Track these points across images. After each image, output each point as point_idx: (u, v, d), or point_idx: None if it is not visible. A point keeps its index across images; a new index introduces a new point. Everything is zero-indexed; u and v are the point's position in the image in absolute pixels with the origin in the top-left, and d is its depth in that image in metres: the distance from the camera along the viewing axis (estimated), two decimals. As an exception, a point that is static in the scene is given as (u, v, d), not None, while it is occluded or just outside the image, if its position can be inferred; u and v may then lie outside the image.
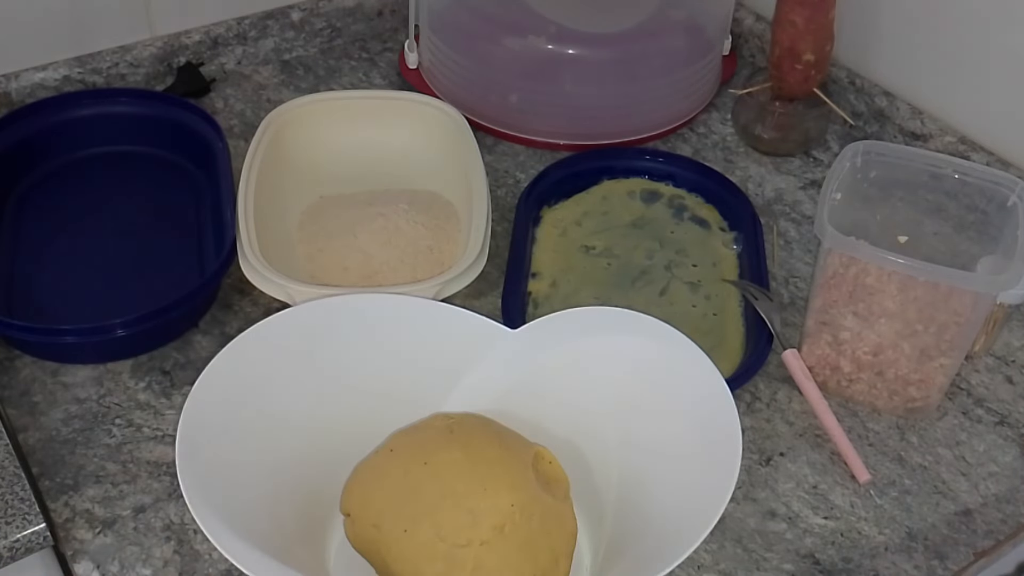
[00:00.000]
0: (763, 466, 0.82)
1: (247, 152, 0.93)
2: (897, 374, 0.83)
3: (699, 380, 0.70)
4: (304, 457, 0.70)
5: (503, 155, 1.09)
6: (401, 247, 0.91)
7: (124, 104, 1.02)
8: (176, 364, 0.86)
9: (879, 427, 0.85)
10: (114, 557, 0.73)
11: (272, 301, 0.85)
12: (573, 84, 1.08)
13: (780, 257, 0.99)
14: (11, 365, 0.85)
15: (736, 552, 0.76)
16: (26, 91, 1.07)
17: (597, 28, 1.09)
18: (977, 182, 0.83)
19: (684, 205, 1.02)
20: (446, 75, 1.11)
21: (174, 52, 1.12)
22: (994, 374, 0.90)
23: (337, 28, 1.21)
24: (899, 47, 1.08)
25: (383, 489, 0.68)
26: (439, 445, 0.68)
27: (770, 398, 0.86)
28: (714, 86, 1.16)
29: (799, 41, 1.02)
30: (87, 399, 0.83)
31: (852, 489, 0.80)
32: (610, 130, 1.09)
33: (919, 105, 1.07)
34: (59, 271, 0.92)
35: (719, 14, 1.14)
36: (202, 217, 0.96)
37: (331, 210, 0.95)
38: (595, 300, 0.92)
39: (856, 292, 0.81)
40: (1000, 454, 0.83)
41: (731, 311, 0.92)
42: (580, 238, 0.98)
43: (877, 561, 0.76)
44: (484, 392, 0.74)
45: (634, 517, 0.69)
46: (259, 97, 1.14)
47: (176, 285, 0.87)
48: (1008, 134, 1.01)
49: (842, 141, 1.11)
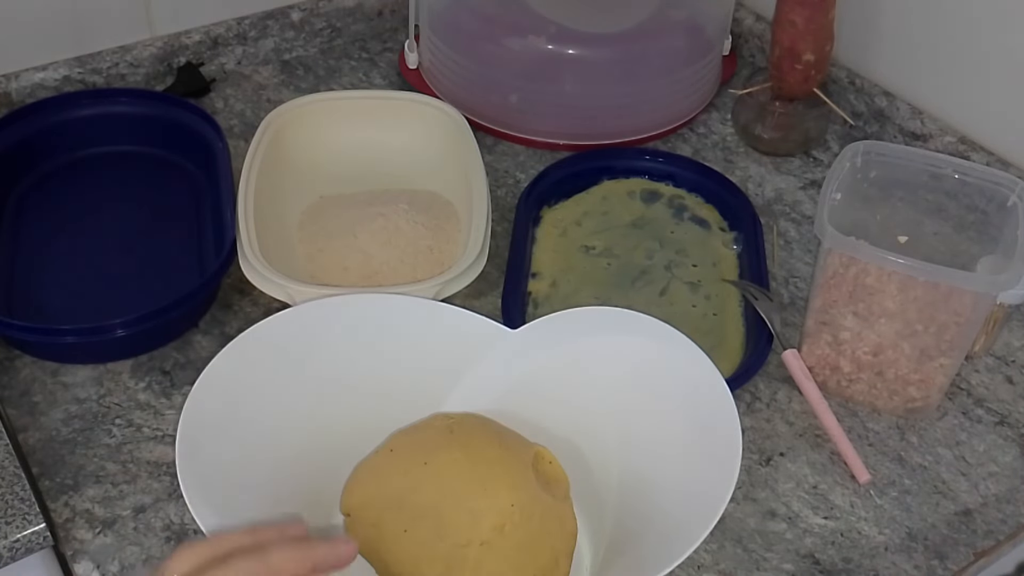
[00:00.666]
0: (763, 466, 0.82)
1: (247, 152, 0.93)
2: (897, 374, 0.83)
3: (699, 380, 0.70)
4: (304, 457, 0.70)
5: (503, 155, 1.09)
6: (401, 247, 0.91)
7: (124, 104, 1.02)
8: (176, 364, 0.86)
9: (879, 427, 0.85)
10: (114, 557, 0.73)
11: (272, 301, 0.85)
12: (573, 84, 1.08)
13: (780, 257, 0.99)
14: (11, 365, 0.85)
15: (736, 552, 0.76)
16: (26, 91, 1.07)
17: (597, 28, 1.09)
18: (977, 182, 0.83)
19: (684, 205, 1.02)
20: (446, 75, 1.11)
21: (174, 52, 1.12)
22: (994, 374, 0.90)
23: (337, 28, 1.21)
24: (899, 47, 1.08)
25: (383, 489, 0.68)
26: (439, 445, 0.68)
27: (770, 398, 0.86)
28: (714, 86, 1.16)
29: (799, 41, 1.02)
30: (87, 399, 0.83)
31: (852, 489, 0.80)
32: (610, 130, 1.09)
33: (919, 105, 1.07)
34: (59, 271, 0.92)
35: (719, 14, 1.14)
36: (202, 217, 0.96)
37: (331, 210, 0.95)
38: (595, 300, 0.92)
39: (856, 292, 0.81)
40: (1000, 454, 0.83)
41: (731, 311, 0.92)
42: (580, 238, 0.98)
43: (877, 561, 0.76)
44: (484, 392, 0.74)
45: (634, 517, 0.69)
46: (259, 97, 1.14)
47: (176, 285, 0.87)
48: (1008, 134, 1.01)
49: (842, 141, 1.11)
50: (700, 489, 0.64)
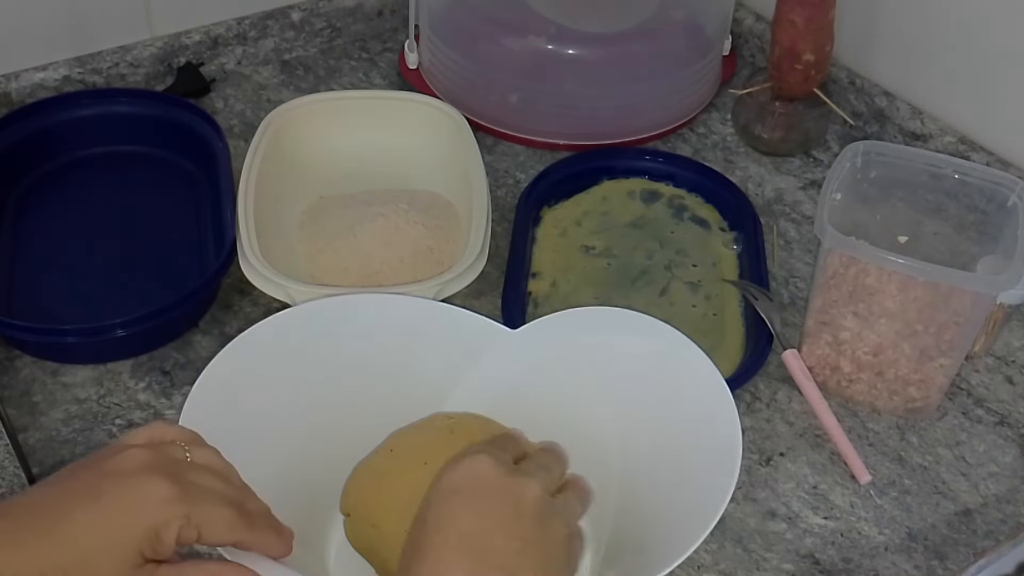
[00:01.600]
0: (763, 466, 0.82)
1: (247, 152, 0.93)
2: (897, 374, 0.83)
3: (699, 380, 0.70)
4: (304, 457, 0.70)
5: (503, 155, 1.09)
6: (401, 247, 0.91)
7: (124, 104, 1.02)
8: (176, 364, 0.86)
9: (879, 427, 0.85)
10: (114, 557, 0.73)
11: (272, 301, 0.85)
12: (573, 84, 1.08)
13: (780, 257, 0.99)
14: (11, 365, 0.85)
15: (736, 552, 0.76)
16: (26, 91, 1.07)
17: (597, 28, 1.09)
18: (977, 182, 0.83)
19: (684, 205, 1.02)
20: (446, 75, 1.11)
21: (174, 52, 1.12)
22: (994, 374, 0.90)
23: (337, 28, 1.21)
24: (899, 47, 1.08)
25: (383, 489, 0.68)
26: (439, 445, 0.68)
27: (770, 398, 0.86)
28: (714, 86, 1.16)
29: (799, 41, 1.02)
30: (87, 399, 0.83)
31: (852, 489, 0.80)
32: (610, 130, 1.09)
33: (919, 105, 1.07)
34: (59, 271, 0.92)
35: (719, 14, 1.14)
36: (202, 217, 0.96)
37: (331, 210, 0.95)
38: (595, 300, 0.92)
39: (856, 292, 0.81)
40: (1000, 454, 0.83)
41: (731, 311, 0.92)
42: (580, 238, 0.98)
43: (877, 561, 0.76)
44: (484, 392, 0.74)
45: (634, 517, 0.69)
46: (259, 97, 1.14)
47: (176, 285, 0.87)
48: (1008, 134, 1.01)
49: (842, 141, 1.11)
50: (700, 489, 0.64)
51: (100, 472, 0.54)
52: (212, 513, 0.54)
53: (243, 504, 0.57)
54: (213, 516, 0.54)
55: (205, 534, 0.54)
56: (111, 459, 0.55)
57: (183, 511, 0.53)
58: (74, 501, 0.53)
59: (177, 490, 0.53)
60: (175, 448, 0.58)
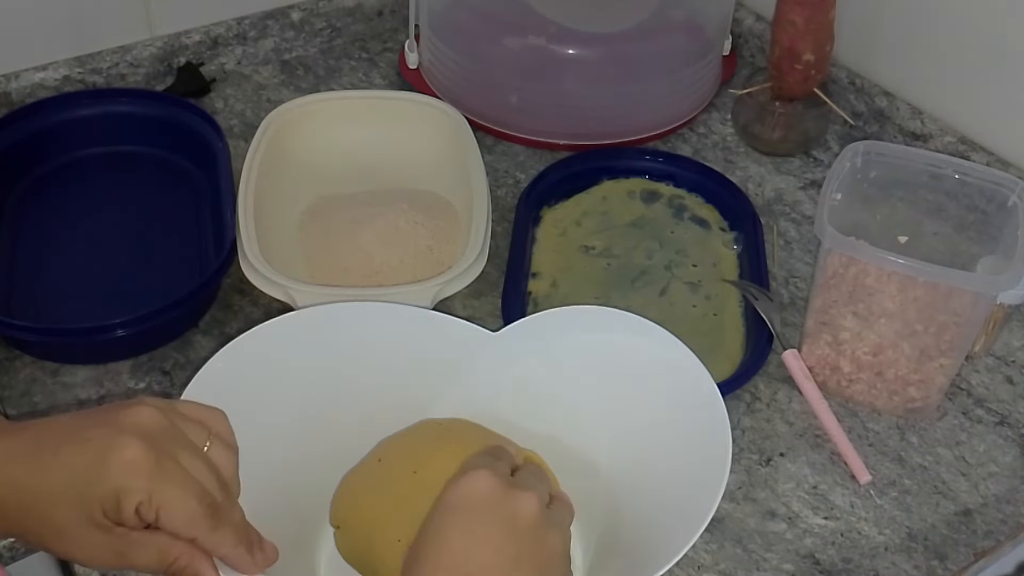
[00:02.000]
0: (763, 466, 0.82)
1: (247, 152, 0.93)
2: (897, 374, 0.83)
3: (688, 380, 0.69)
4: (292, 468, 0.68)
5: (503, 155, 1.09)
6: (401, 247, 0.91)
7: (124, 104, 1.02)
8: (176, 364, 0.86)
9: (879, 427, 0.85)
10: (114, 557, 0.73)
11: (272, 301, 0.85)
12: (573, 84, 1.08)
13: (780, 257, 0.99)
14: (11, 365, 0.85)
15: (736, 552, 0.76)
16: (26, 91, 1.07)
17: (597, 28, 1.09)
18: (977, 182, 0.83)
19: (684, 205, 1.02)
20: (446, 75, 1.11)
21: (174, 52, 1.12)
22: (994, 374, 0.90)
23: (337, 28, 1.21)
24: (899, 47, 1.08)
25: (373, 499, 0.67)
26: (428, 452, 0.67)
27: (770, 398, 0.86)
28: (714, 86, 1.16)
29: (799, 41, 1.02)
30: (87, 399, 0.83)
31: (852, 489, 0.80)
32: (610, 130, 1.09)
33: (919, 105, 1.07)
34: (59, 271, 0.92)
35: (719, 14, 1.14)
36: (202, 217, 0.96)
37: (331, 210, 0.95)
38: (595, 300, 0.92)
39: (856, 292, 0.81)
40: (1000, 454, 0.84)
41: (731, 311, 0.92)
42: (580, 238, 0.98)
43: (877, 561, 0.76)
44: (471, 397, 0.73)
45: (626, 518, 0.68)
46: (259, 97, 1.14)
47: (176, 285, 0.87)
48: (1008, 134, 1.01)
49: (842, 141, 1.11)
50: (691, 490, 0.64)
51: (104, 417, 0.55)
52: (176, 499, 0.53)
53: (217, 506, 0.55)
54: (176, 503, 0.53)
55: (163, 518, 0.53)
56: (123, 409, 0.55)
57: (148, 486, 0.52)
58: (70, 436, 0.53)
59: (151, 464, 0.53)
60: (194, 428, 0.57)
